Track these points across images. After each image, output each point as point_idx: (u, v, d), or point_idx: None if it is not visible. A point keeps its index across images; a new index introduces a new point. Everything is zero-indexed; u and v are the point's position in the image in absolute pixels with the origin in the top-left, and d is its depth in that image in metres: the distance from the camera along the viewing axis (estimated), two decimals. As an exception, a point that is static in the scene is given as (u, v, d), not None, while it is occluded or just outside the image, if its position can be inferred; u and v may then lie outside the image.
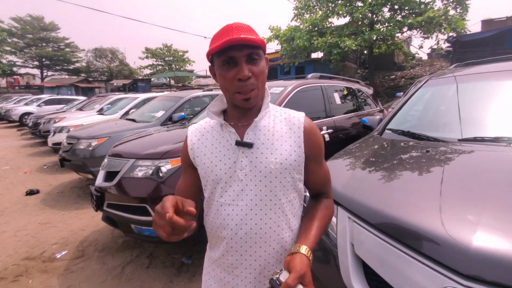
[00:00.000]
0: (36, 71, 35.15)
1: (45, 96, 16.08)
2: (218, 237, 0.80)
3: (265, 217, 0.76)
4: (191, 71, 34.81)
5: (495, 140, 1.49)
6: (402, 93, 8.66)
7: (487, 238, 0.82)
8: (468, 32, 11.85)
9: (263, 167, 0.75)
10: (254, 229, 0.75)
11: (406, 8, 11.75)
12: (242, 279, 0.79)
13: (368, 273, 1.02)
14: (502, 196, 1.01)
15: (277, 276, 0.66)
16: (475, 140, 1.54)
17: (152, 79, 28.49)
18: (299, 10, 14.13)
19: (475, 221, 0.88)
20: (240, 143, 0.77)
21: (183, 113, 4.11)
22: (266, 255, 0.77)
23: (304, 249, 0.71)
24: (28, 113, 12.82)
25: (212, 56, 0.75)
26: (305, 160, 0.79)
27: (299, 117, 0.82)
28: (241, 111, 0.79)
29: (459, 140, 1.59)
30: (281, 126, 0.80)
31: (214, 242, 0.82)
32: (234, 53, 0.69)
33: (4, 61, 29.60)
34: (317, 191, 0.87)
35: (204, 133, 0.84)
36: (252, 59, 0.71)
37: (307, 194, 0.94)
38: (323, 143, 0.84)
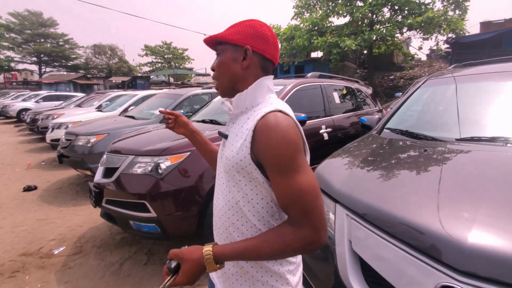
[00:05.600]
0: (34, 67, 34.93)
1: (43, 92, 16.01)
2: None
3: (222, 209, 0.78)
4: (191, 69, 34.70)
5: (492, 140, 1.50)
6: (401, 93, 8.68)
7: (482, 235, 0.83)
8: (467, 34, 11.89)
9: (223, 161, 0.78)
10: (216, 216, 0.82)
11: (406, 8, 11.77)
12: None
13: (366, 269, 1.04)
14: (498, 194, 1.02)
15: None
16: (472, 139, 1.56)
17: (151, 77, 28.37)
18: (299, 9, 14.12)
19: (470, 218, 0.89)
20: (219, 134, 0.83)
21: (182, 111, 4.11)
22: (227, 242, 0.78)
23: (207, 248, 0.68)
24: (26, 109, 12.77)
25: None
26: (263, 166, 0.68)
27: (262, 114, 0.69)
28: None
29: (456, 139, 1.60)
30: (250, 121, 0.72)
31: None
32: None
33: (1, 56, 29.42)
34: (283, 210, 0.70)
35: None
36: (217, 55, 0.80)
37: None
38: (277, 150, 0.65)
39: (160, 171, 2.22)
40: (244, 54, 0.75)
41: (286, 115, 0.69)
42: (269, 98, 0.76)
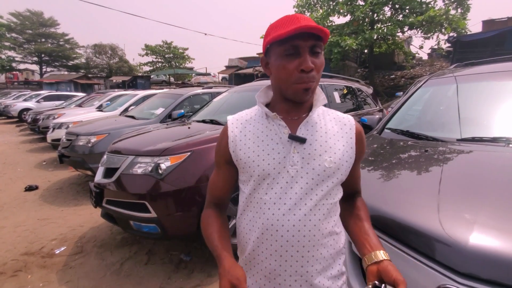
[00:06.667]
0: (35, 67, 35.03)
1: (44, 92, 16.05)
2: (257, 239, 0.72)
3: (314, 218, 0.69)
4: (191, 69, 34.71)
5: (494, 140, 1.50)
6: (401, 92, 8.67)
7: (483, 237, 0.82)
8: (468, 32, 11.83)
9: (317, 165, 0.71)
10: (302, 231, 0.68)
11: (407, 7, 11.74)
12: (286, 287, 0.71)
13: (366, 270, 1.03)
14: (499, 196, 1.01)
15: None
16: (473, 140, 1.55)
17: (151, 76, 28.38)
18: (300, 8, 14.10)
19: (471, 220, 0.89)
20: (294, 137, 0.72)
21: (182, 111, 4.11)
22: (313, 261, 0.70)
23: (386, 255, 0.67)
24: (27, 109, 12.80)
25: (269, 45, 0.71)
26: (355, 162, 0.79)
27: (349, 118, 0.81)
28: (290, 105, 0.75)
29: (457, 140, 1.60)
30: (332, 125, 0.78)
31: (255, 245, 0.73)
32: (299, 42, 0.65)
33: (3, 56, 29.51)
34: (353, 190, 0.87)
35: (246, 124, 0.78)
36: (315, 51, 0.68)
37: None
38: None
39: (160, 171, 2.22)
40: None
41: None
42: None
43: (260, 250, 0.72)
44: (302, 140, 0.71)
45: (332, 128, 0.76)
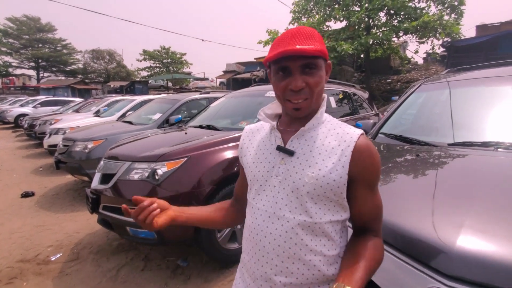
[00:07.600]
0: (32, 72, 35.02)
1: (41, 98, 16.02)
2: (246, 238, 0.78)
3: (291, 232, 0.69)
4: (189, 74, 34.83)
5: (483, 144, 1.53)
6: (397, 96, 8.75)
7: (470, 240, 0.85)
8: (462, 37, 12.02)
9: (297, 179, 0.70)
10: (277, 240, 0.70)
11: (402, 13, 11.91)
12: None
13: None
14: (488, 199, 1.04)
15: None
16: (464, 144, 1.58)
17: (149, 81, 28.44)
18: (297, 14, 14.24)
19: (459, 223, 0.91)
20: (281, 149, 0.74)
21: (180, 116, 4.13)
22: (288, 273, 0.70)
23: None
24: (24, 115, 12.77)
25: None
26: (352, 185, 0.70)
27: (354, 134, 0.72)
28: (291, 118, 0.77)
29: (449, 144, 1.63)
30: (331, 140, 0.72)
31: (245, 243, 0.79)
32: (288, 63, 0.67)
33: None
34: (363, 224, 0.74)
35: (256, 134, 0.85)
36: (307, 69, 0.68)
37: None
38: (379, 170, 0.72)
39: (157, 177, 2.23)
40: (326, 69, 0.74)
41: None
42: (327, 115, 0.78)
43: (247, 250, 0.78)
44: (289, 153, 0.73)
45: (329, 144, 0.72)
